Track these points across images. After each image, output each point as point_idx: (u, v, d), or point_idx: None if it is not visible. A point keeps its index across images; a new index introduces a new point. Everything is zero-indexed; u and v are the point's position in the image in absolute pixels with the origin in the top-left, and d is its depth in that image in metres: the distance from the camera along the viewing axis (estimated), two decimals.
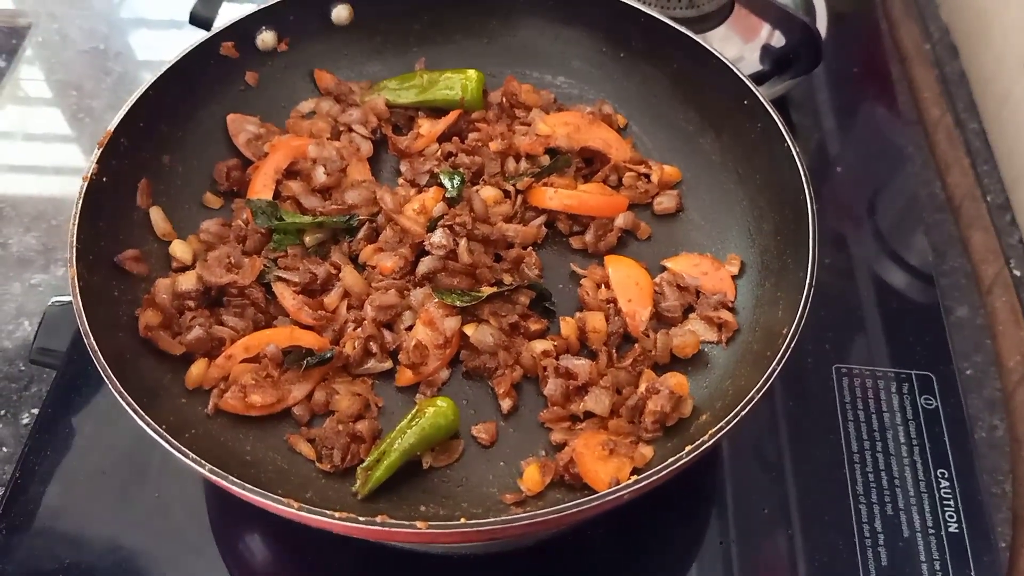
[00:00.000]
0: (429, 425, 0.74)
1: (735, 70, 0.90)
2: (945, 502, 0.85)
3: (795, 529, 0.83)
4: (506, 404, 0.79)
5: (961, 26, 1.32)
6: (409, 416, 0.75)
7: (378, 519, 0.63)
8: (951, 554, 0.82)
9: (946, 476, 0.86)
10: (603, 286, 0.85)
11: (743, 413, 0.68)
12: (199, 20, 1.09)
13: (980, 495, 0.85)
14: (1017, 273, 1.07)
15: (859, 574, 0.81)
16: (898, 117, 1.20)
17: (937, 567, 0.81)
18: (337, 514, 0.62)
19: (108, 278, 0.79)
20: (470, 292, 0.82)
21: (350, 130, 0.95)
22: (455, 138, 0.94)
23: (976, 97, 1.26)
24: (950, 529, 0.83)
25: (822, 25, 1.15)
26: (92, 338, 0.70)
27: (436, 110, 0.97)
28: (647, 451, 0.74)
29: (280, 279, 0.83)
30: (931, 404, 0.92)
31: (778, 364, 0.70)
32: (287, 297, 0.82)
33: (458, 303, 0.81)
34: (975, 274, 1.07)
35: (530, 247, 0.88)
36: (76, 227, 0.77)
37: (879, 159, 1.16)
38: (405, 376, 0.80)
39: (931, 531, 0.83)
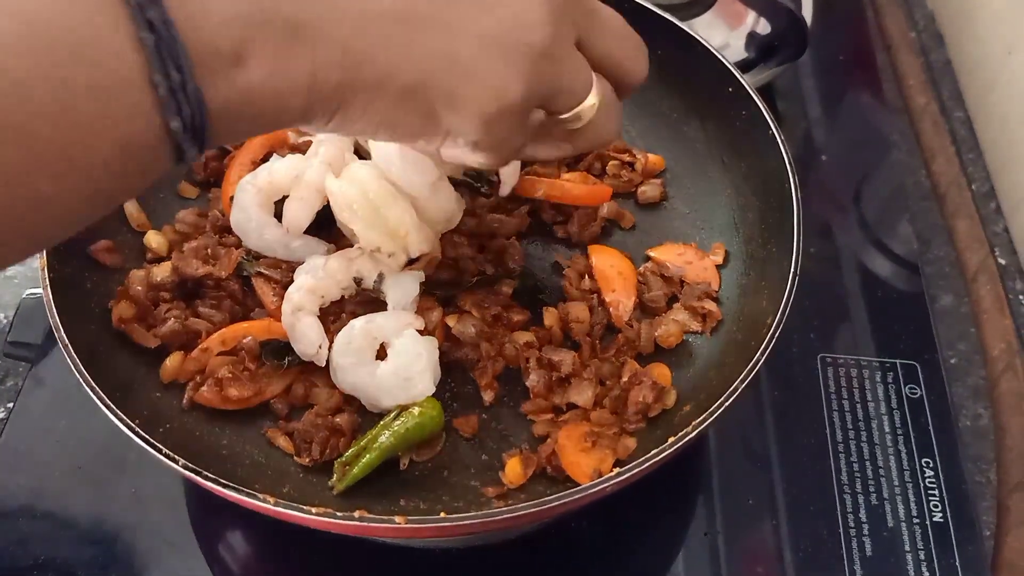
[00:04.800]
0: (414, 426, 0.72)
1: (720, 57, 0.89)
2: (930, 491, 0.85)
3: (780, 519, 0.83)
4: (488, 396, 0.78)
5: (947, 14, 1.32)
6: (393, 413, 0.74)
7: (356, 514, 0.62)
8: (936, 543, 0.82)
9: (931, 465, 0.86)
10: (586, 276, 0.85)
11: (727, 403, 0.67)
12: None
13: (965, 484, 0.85)
14: (1002, 261, 1.07)
15: (844, 564, 0.80)
16: (883, 105, 1.20)
17: (922, 556, 0.81)
18: (314, 509, 0.61)
19: (80, 269, 0.78)
20: (453, 282, 0.82)
21: None
22: None
23: (962, 85, 1.26)
24: (935, 518, 0.83)
25: (808, 12, 1.14)
26: (63, 331, 0.69)
27: None
28: (630, 442, 0.74)
29: (261, 275, 0.81)
30: (916, 393, 0.91)
31: (762, 354, 0.70)
32: (267, 294, 0.81)
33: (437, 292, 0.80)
34: (960, 262, 1.07)
35: (513, 237, 0.87)
36: None
37: (864, 147, 1.16)
38: None
39: (916, 520, 0.83)
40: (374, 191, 0.75)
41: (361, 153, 0.87)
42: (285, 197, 0.81)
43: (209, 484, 0.63)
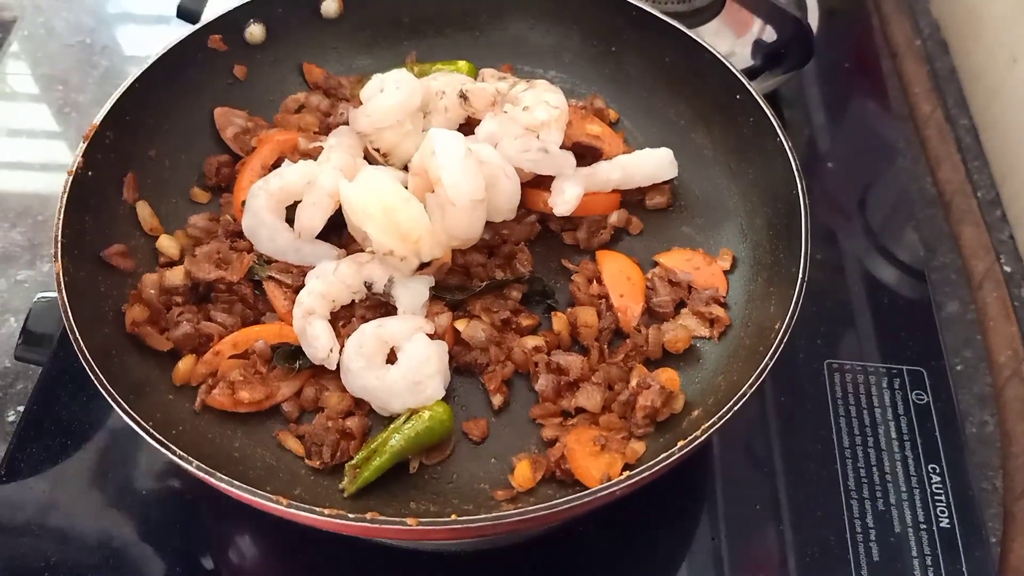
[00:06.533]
0: (424, 429, 0.73)
1: (727, 64, 0.89)
2: (936, 497, 0.85)
3: (786, 525, 0.83)
4: (497, 400, 0.78)
5: (951, 22, 1.33)
6: (404, 417, 0.74)
7: (367, 516, 0.62)
8: (942, 549, 0.82)
9: (937, 471, 0.86)
10: (595, 281, 0.85)
11: (735, 408, 0.68)
12: (187, 14, 1.08)
13: (971, 490, 0.85)
14: (1007, 268, 1.07)
15: (850, 569, 0.80)
16: (889, 112, 1.20)
17: (928, 562, 0.81)
18: (326, 511, 0.62)
19: (94, 273, 0.78)
20: (463, 287, 0.82)
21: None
22: None
23: (966, 92, 1.26)
24: (941, 524, 0.83)
25: (813, 20, 1.15)
26: (77, 333, 0.69)
27: None
28: (638, 447, 0.74)
29: (272, 279, 0.82)
30: (922, 399, 0.92)
31: (770, 359, 0.70)
32: (279, 298, 0.81)
33: (448, 297, 0.81)
34: (965, 269, 1.07)
35: (522, 243, 0.87)
36: (61, 222, 0.76)
37: (870, 154, 1.16)
38: None
39: (922, 526, 0.83)
40: (388, 195, 0.76)
41: (370, 159, 0.88)
42: (297, 202, 0.82)
43: (222, 485, 0.63)
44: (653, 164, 0.90)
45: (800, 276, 0.75)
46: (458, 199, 0.77)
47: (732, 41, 1.12)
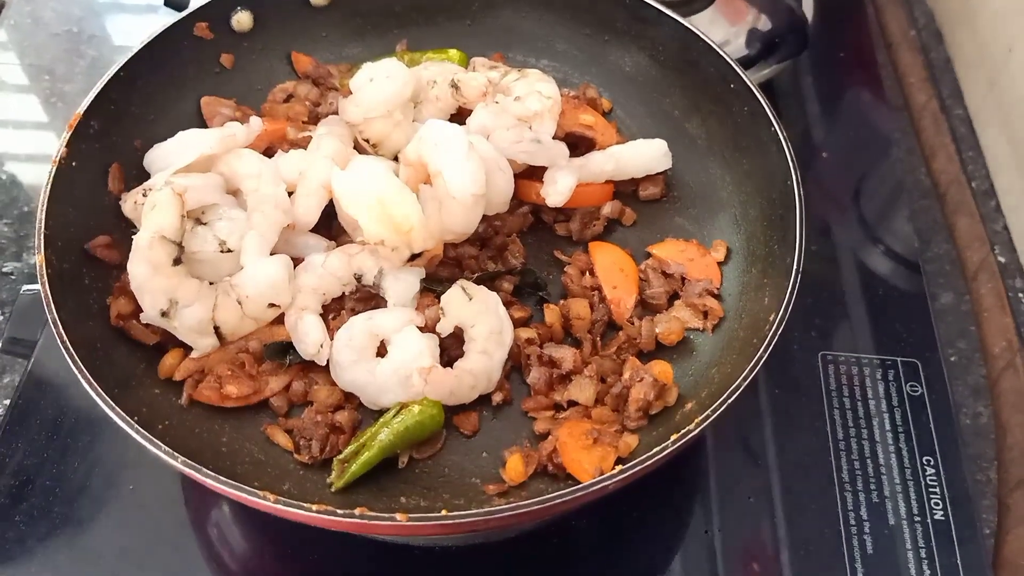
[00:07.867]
0: (414, 424, 0.72)
1: (722, 53, 0.88)
2: (930, 489, 0.85)
3: (780, 517, 0.83)
4: (497, 397, 0.77)
5: (946, 12, 1.32)
6: (394, 410, 0.73)
7: (357, 511, 0.61)
8: (936, 541, 0.81)
9: (931, 463, 0.86)
10: (587, 273, 0.84)
11: (729, 401, 0.67)
12: (174, 3, 1.07)
13: (965, 482, 0.85)
14: (1002, 259, 1.07)
15: (844, 562, 0.80)
16: (884, 103, 1.20)
17: (923, 554, 0.81)
18: (314, 507, 0.61)
19: (78, 265, 0.77)
20: (454, 279, 0.81)
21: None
22: None
23: (961, 83, 1.25)
24: (935, 516, 0.83)
25: (808, 9, 1.14)
26: (61, 327, 0.68)
27: None
28: (631, 440, 0.73)
29: None
30: (916, 391, 0.91)
31: (764, 351, 0.70)
32: None
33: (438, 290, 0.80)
34: (960, 260, 1.07)
35: (514, 234, 0.86)
36: (44, 212, 0.75)
37: (865, 145, 1.16)
38: None
39: (916, 518, 0.83)
40: (382, 185, 0.75)
41: (360, 149, 0.86)
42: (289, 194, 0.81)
43: (208, 481, 0.62)
44: (647, 155, 0.89)
45: (794, 267, 0.75)
46: (460, 193, 0.76)
47: (726, 30, 1.11)
